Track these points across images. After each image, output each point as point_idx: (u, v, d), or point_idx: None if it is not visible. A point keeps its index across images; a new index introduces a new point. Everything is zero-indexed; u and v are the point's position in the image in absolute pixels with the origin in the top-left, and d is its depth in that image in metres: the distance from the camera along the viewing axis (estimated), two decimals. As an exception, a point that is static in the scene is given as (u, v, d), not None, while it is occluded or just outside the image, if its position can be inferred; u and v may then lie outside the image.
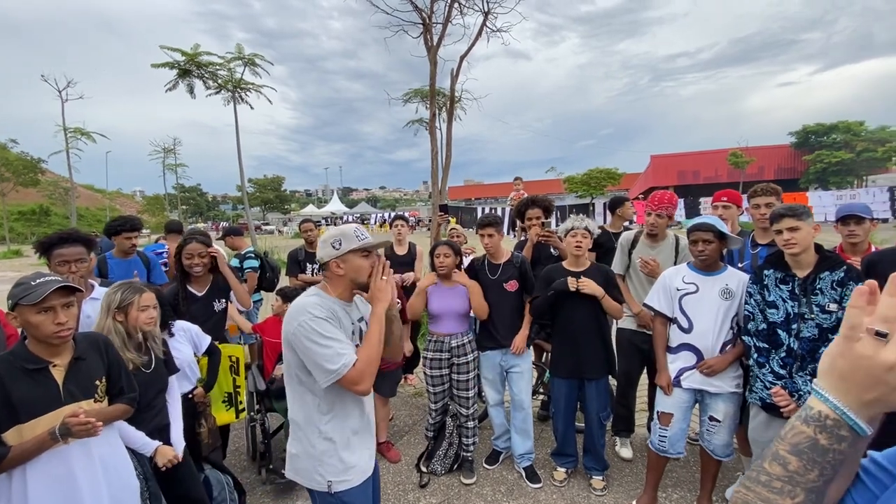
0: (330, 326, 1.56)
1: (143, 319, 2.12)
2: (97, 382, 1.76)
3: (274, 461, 3.15)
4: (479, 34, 7.57)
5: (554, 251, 3.57)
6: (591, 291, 2.80)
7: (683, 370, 2.59)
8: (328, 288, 1.71)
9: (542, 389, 4.04)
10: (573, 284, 2.79)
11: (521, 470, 3.19)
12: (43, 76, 25.02)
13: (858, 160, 33.95)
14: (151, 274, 3.59)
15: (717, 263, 2.57)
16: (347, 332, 1.65)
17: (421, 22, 7.34)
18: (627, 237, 3.34)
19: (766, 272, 2.36)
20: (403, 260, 4.50)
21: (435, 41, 7.37)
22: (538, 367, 3.94)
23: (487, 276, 3.15)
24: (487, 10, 7.44)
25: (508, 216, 11.80)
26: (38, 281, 1.61)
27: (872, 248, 2.76)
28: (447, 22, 7.33)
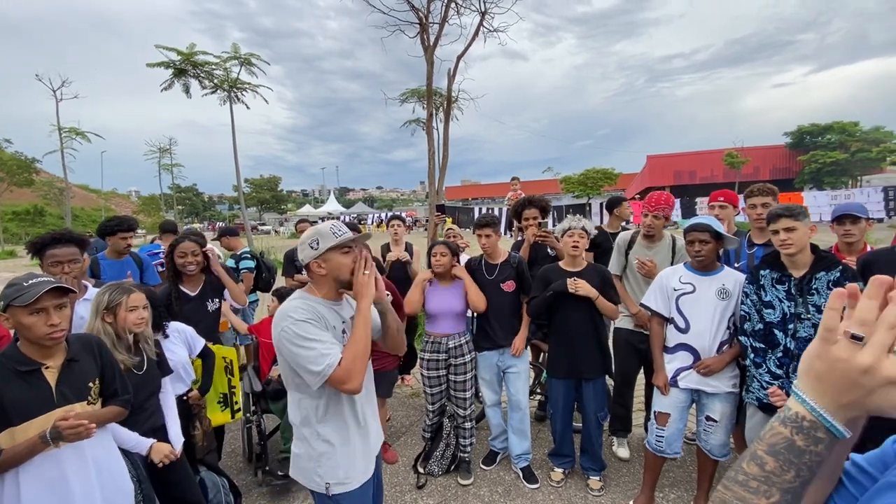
0: (311, 328, 1.53)
1: (131, 320, 2.09)
2: (90, 384, 1.74)
3: (270, 462, 3.14)
4: (475, 34, 7.58)
5: (551, 251, 3.57)
6: (585, 293, 2.80)
7: (680, 370, 2.59)
8: (313, 289, 1.69)
9: (539, 390, 4.04)
10: (572, 286, 2.79)
11: (518, 470, 3.19)
12: (37, 76, 24.87)
13: (853, 160, 34.15)
14: (144, 275, 3.57)
15: (713, 263, 2.58)
16: (336, 331, 1.63)
17: (417, 22, 7.34)
18: (624, 238, 3.34)
19: (762, 272, 2.37)
20: (400, 261, 4.49)
21: (432, 41, 7.37)
22: (535, 367, 3.94)
23: (484, 276, 3.15)
24: (484, 10, 7.46)
25: (505, 216, 11.80)
26: (30, 282, 1.59)
27: (868, 247, 2.77)
28: (444, 22, 7.33)
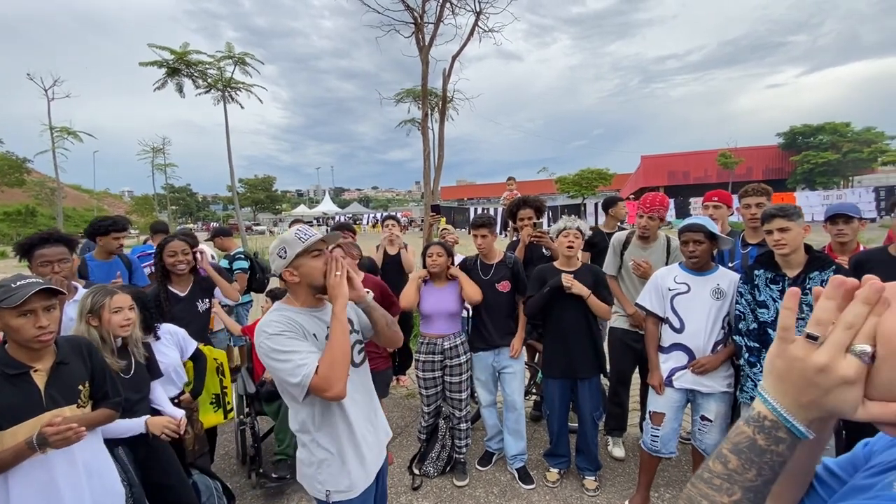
0: (286, 339, 1.50)
1: (116, 322, 2.06)
2: (80, 387, 1.72)
3: (264, 465, 3.11)
4: (470, 34, 7.57)
5: (546, 252, 3.57)
6: (577, 291, 2.81)
7: (675, 370, 2.60)
8: (291, 299, 1.67)
9: (534, 390, 4.04)
10: (567, 280, 2.79)
11: (513, 471, 3.18)
12: (29, 75, 24.59)
13: (844, 161, 34.46)
14: (133, 276, 3.52)
15: (708, 264, 2.59)
16: (319, 338, 1.60)
17: (413, 21, 7.32)
18: (619, 238, 3.35)
19: (756, 272, 2.38)
20: (395, 260, 4.48)
21: (427, 41, 7.36)
22: (531, 367, 3.93)
23: (480, 276, 3.14)
24: (479, 10, 7.45)
25: (501, 216, 11.81)
26: (18, 283, 1.57)
27: (861, 247, 2.79)
28: (439, 22, 7.32)
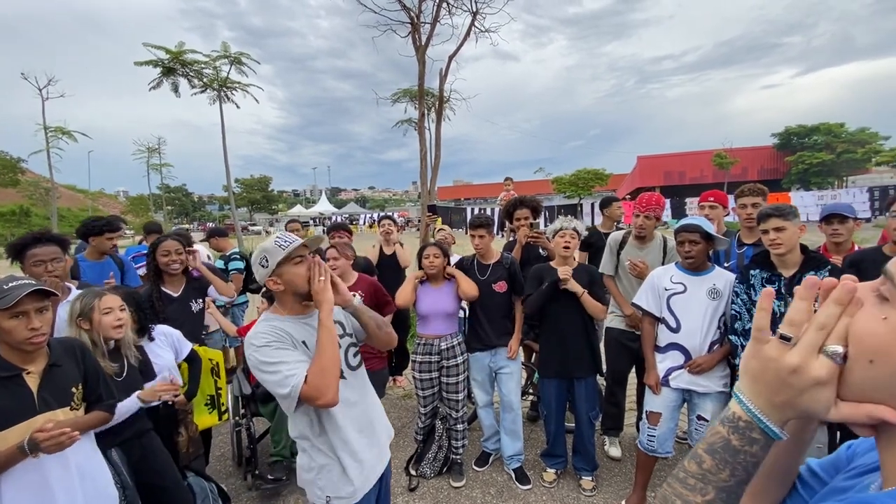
0: (273, 350, 1.48)
1: (107, 323, 2.04)
2: (73, 390, 1.70)
3: (260, 466, 3.10)
4: (467, 34, 7.58)
5: (543, 252, 3.57)
6: (571, 288, 2.82)
7: (671, 370, 2.60)
8: (278, 307, 1.66)
9: (531, 390, 4.04)
10: (563, 273, 2.80)
11: (510, 471, 3.18)
12: (23, 74, 24.44)
13: (839, 161, 34.69)
14: (125, 277, 3.48)
15: (704, 264, 2.59)
16: (310, 345, 1.58)
17: (409, 21, 7.32)
18: (616, 238, 3.35)
19: (752, 272, 2.38)
20: (391, 259, 4.47)
21: (423, 41, 7.35)
22: (527, 367, 3.93)
23: (476, 276, 3.14)
24: (476, 10, 7.46)
25: (498, 217, 11.79)
26: (10, 284, 1.55)
27: (856, 247, 2.80)
28: (435, 22, 7.32)
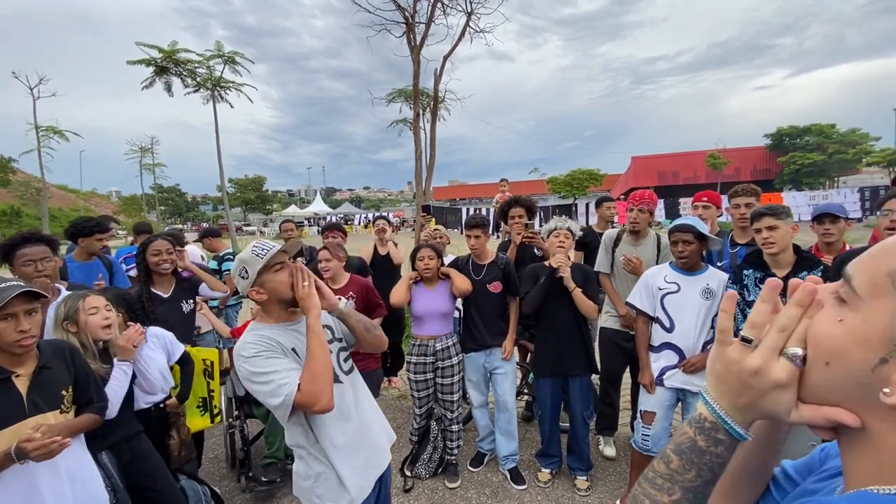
0: (263, 360, 1.47)
1: (95, 323, 2.01)
2: (63, 392, 1.68)
3: (254, 468, 3.08)
4: (462, 34, 7.56)
5: (537, 252, 3.57)
6: (566, 281, 2.84)
7: (666, 369, 2.61)
8: (265, 317, 1.64)
9: (526, 390, 4.04)
10: (557, 262, 2.81)
11: (505, 472, 3.18)
12: (14, 73, 24.20)
13: (830, 162, 35.05)
14: (114, 278, 3.44)
15: (698, 264, 2.60)
16: (300, 352, 1.57)
17: (404, 21, 7.29)
18: (610, 235, 3.37)
19: (745, 272, 2.39)
20: (386, 259, 4.46)
21: (418, 41, 7.33)
22: (522, 367, 3.93)
23: (471, 276, 3.13)
24: (470, 10, 7.45)
25: (493, 218, 11.80)
26: (-1, 286, 1.53)
27: (847, 247, 2.82)
28: (430, 22, 7.30)
